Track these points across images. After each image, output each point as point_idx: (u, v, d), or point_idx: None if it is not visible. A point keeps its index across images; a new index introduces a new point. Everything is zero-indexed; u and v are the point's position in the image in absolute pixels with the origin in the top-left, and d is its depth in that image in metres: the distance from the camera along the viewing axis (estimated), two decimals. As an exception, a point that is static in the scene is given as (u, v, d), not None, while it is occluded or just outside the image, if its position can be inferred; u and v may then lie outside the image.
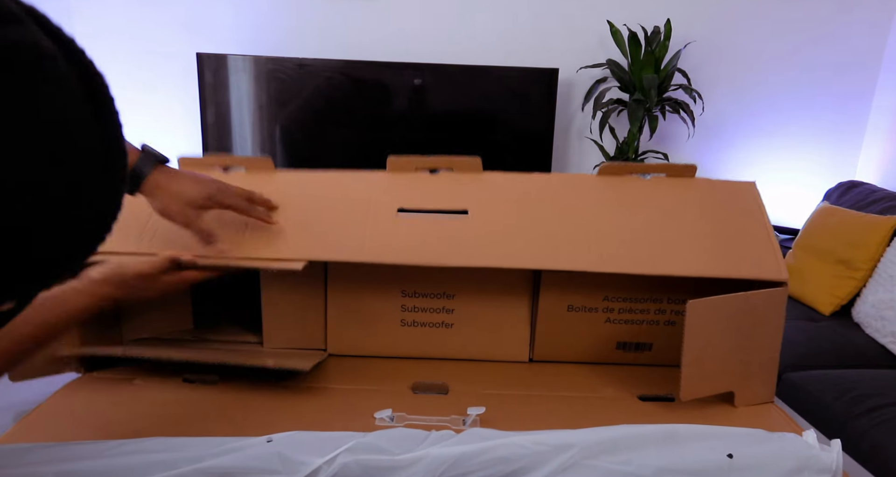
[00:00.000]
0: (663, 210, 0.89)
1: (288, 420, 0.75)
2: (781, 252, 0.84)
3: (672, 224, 0.87)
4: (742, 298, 0.77)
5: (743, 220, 0.87)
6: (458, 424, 0.74)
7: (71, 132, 0.30)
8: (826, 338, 1.86)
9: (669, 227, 0.87)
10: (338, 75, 2.41)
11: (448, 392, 0.84)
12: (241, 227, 0.86)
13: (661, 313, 0.92)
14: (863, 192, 2.26)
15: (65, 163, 0.30)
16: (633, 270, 0.82)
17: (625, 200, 0.91)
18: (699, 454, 0.60)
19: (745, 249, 0.83)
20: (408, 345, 0.94)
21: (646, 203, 0.91)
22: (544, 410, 0.81)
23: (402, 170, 0.93)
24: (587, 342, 0.93)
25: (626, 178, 0.93)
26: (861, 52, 2.52)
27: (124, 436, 0.69)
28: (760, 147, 2.63)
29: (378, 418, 0.75)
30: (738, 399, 0.80)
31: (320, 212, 0.89)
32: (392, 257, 0.84)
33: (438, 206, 0.89)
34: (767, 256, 0.82)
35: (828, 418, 1.51)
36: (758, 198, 0.90)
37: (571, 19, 2.51)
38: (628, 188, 0.92)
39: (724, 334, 0.78)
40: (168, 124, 2.55)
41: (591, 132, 2.53)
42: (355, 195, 0.90)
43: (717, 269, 0.80)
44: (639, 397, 0.83)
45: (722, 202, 0.90)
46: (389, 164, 0.93)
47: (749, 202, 0.90)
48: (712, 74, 2.53)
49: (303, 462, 0.61)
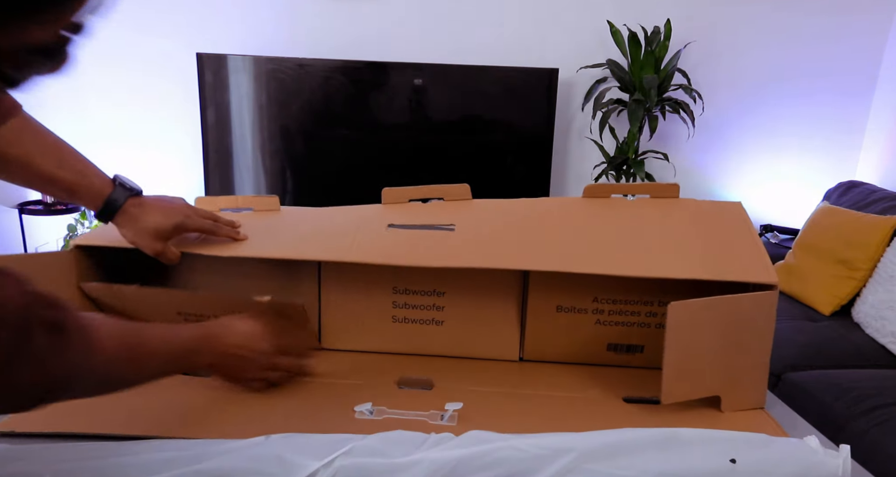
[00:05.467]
0: (651, 221, 0.92)
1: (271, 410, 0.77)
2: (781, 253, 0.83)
3: (660, 232, 0.89)
4: (728, 301, 0.77)
5: (730, 231, 0.88)
6: (436, 420, 0.75)
7: None
8: (826, 338, 1.86)
9: (657, 234, 0.89)
10: (338, 75, 2.41)
11: (432, 388, 0.85)
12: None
13: (652, 316, 0.92)
14: (863, 192, 2.26)
15: None
16: (620, 271, 0.82)
17: (612, 215, 0.94)
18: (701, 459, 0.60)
19: (733, 254, 0.84)
20: (398, 341, 0.96)
21: (633, 216, 0.94)
22: (525, 408, 0.81)
23: (395, 201, 0.99)
24: (577, 343, 0.93)
25: (610, 200, 0.97)
26: (861, 52, 2.52)
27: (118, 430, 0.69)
28: (760, 147, 2.63)
29: (357, 412, 0.76)
30: (724, 404, 0.80)
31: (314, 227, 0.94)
32: (382, 259, 0.86)
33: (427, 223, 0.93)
34: (756, 261, 0.82)
35: (828, 418, 1.51)
36: (744, 214, 0.92)
37: (571, 19, 2.51)
38: (614, 207, 0.95)
39: (709, 337, 0.78)
40: (168, 124, 2.55)
41: (591, 132, 2.53)
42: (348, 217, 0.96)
43: (705, 271, 0.80)
44: (623, 399, 0.83)
45: (708, 217, 0.93)
46: (384, 197, 0.99)
47: (735, 219, 0.91)
48: (712, 74, 2.53)
49: (300, 465, 0.60)
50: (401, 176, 2.49)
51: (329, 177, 2.52)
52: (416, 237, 0.90)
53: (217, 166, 2.50)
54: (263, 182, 2.54)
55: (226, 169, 2.52)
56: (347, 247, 0.88)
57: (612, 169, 2.47)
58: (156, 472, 0.60)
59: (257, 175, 2.54)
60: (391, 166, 2.52)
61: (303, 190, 2.54)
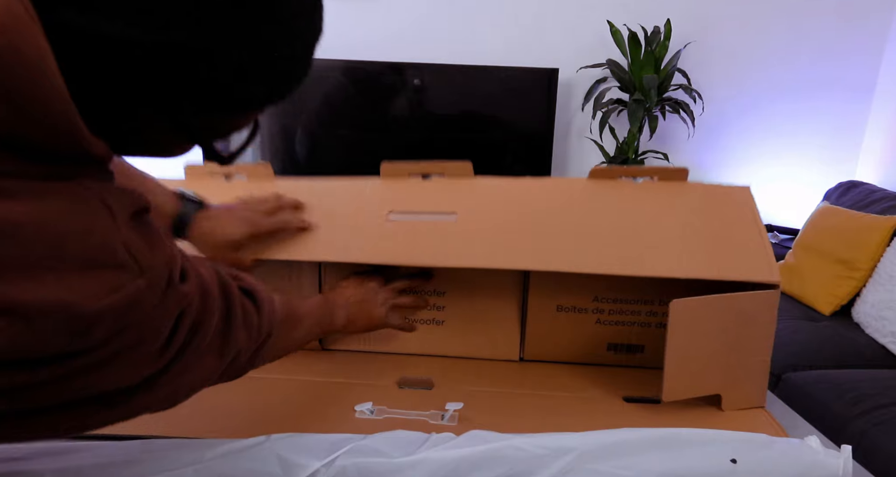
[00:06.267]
0: (654, 213, 0.90)
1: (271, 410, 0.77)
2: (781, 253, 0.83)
3: (663, 227, 0.88)
4: (729, 299, 0.77)
5: (736, 224, 0.87)
6: (437, 419, 0.75)
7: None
8: (826, 338, 1.86)
9: (660, 230, 0.87)
10: (338, 75, 2.41)
11: (433, 388, 0.85)
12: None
13: (652, 315, 0.92)
14: (863, 192, 2.26)
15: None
16: (622, 271, 0.82)
17: (615, 203, 0.91)
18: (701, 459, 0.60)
19: (736, 251, 0.83)
20: (398, 340, 0.95)
21: (637, 206, 0.91)
22: (526, 408, 0.81)
23: (395, 176, 0.95)
24: (578, 343, 0.93)
25: (617, 182, 0.94)
26: (861, 52, 2.52)
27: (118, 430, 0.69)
28: (760, 147, 2.63)
29: (358, 411, 0.76)
30: (725, 403, 0.80)
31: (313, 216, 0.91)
32: (383, 259, 0.86)
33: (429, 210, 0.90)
34: (759, 259, 0.81)
35: (828, 418, 1.51)
36: (752, 202, 0.90)
37: (571, 19, 2.51)
38: (619, 191, 0.93)
39: (710, 335, 0.78)
40: (167, 124, 2.55)
41: (591, 132, 2.53)
42: (348, 201, 0.93)
43: (706, 271, 0.80)
44: (623, 399, 0.83)
45: (715, 206, 0.90)
46: (383, 170, 0.95)
47: (743, 206, 0.89)
48: (712, 74, 2.53)
49: (301, 465, 0.61)
50: (401, 176, 2.49)
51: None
52: (417, 232, 0.88)
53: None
54: (263, 182, 2.54)
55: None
56: (348, 245, 0.87)
57: (612, 169, 2.47)
58: (156, 472, 0.60)
59: (257, 175, 2.53)
60: (391, 166, 2.51)
61: (303, 190, 2.54)
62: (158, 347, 0.46)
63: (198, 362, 0.51)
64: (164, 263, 0.45)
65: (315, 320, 0.77)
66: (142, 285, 0.42)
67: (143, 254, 0.43)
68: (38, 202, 0.38)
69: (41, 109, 0.37)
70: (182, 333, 0.48)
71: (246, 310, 0.57)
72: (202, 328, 0.50)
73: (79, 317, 0.39)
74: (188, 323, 0.48)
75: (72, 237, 0.39)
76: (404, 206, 0.91)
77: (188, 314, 0.48)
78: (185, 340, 0.48)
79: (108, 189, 0.43)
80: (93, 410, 0.45)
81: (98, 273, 0.40)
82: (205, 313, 0.50)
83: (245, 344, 0.57)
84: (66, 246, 0.39)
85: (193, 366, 0.51)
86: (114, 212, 0.42)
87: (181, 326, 0.48)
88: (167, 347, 0.47)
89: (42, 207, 0.38)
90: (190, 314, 0.48)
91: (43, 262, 0.38)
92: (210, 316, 0.51)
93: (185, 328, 0.48)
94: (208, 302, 0.51)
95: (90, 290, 0.39)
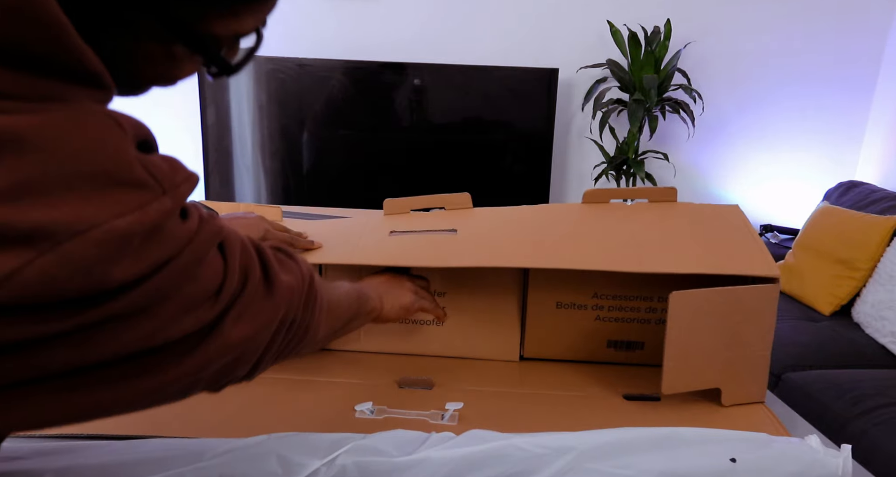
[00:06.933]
0: (651, 222, 0.92)
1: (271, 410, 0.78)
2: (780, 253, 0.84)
3: (660, 230, 0.90)
4: (729, 293, 0.77)
5: (730, 230, 0.89)
6: (437, 419, 0.76)
7: None
8: (826, 338, 1.86)
9: (658, 232, 0.89)
10: (338, 75, 2.41)
11: (433, 387, 0.85)
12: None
13: (652, 312, 0.92)
14: (863, 192, 2.26)
15: None
16: (620, 267, 0.82)
17: (612, 218, 0.94)
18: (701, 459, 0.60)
19: (733, 249, 0.84)
20: (398, 341, 0.96)
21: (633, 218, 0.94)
22: (526, 407, 0.81)
23: (397, 211, 1.00)
24: (577, 340, 0.94)
25: (609, 205, 0.98)
26: (861, 51, 2.52)
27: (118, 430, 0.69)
28: (760, 147, 2.63)
29: (358, 411, 0.76)
30: (725, 397, 0.80)
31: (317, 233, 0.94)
32: (383, 260, 0.86)
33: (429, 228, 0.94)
34: (757, 255, 0.82)
35: (828, 418, 1.51)
36: (743, 218, 0.92)
37: (571, 19, 2.51)
38: (613, 212, 0.96)
39: (710, 328, 0.78)
40: (168, 124, 2.55)
41: (591, 132, 2.53)
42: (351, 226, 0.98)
43: (706, 266, 0.80)
44: (624, 396, 0.83)
45: (707, 219, 0.93)
46: (386, 207, 1.00)
47: (735, 220, 0.91)
48: (712, 74, 2.53)
49: (301, 464, 0.61)
50: (401, 176, 2.50)
51: (329, 177, 2.52)
52: (418, 241, 0.90)
53: (217, 166, 2.50)
54: (263, 182, 2.54)
55: (226, 169, 2.52)
56: (350, 251, 0.89)
57: (612, 169, 2.47)
58: (156, 472, 0.60)
59: (257, 175, 2.54)
60: (391, 166, 2.51)
61: (303, 190, 2.54)
62: (210, 288, 0.43)
63: (256, 305, 0.47)
64: (186, 182, 0.42)
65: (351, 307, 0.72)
66: (167, 205, 0.39)
67: (164, 172, 0.40)
68: (40, 116, 0.35)
69: (29, 9, 0.35)
70: (233, 270, 0.44)
71: (279, 258, 0.53)
72: (250, 270, 0.46)
73: (108, 239, 0.35)
74: (236, 258, 0.45)
75: (84, 152, 0.36)
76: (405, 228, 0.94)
77: (231, 252, 0.45)
78: (239, 278, 0.45)
79: (113, 111, 0.40)
80: (154, 363, 0.41)
81: (119, 191, 0.37)
82: (245, 253, 0.47)
83: (293, 285, 0.52)
84: (79, 161, 0.36)
85: (253, 308, 0.46)
86: (124, 127, 0.39)
87: (230, 265, 0.44)
88: (221, 288, 0.43)
89: (45, 120, 0.35)
90: (233, 253, 0.45)
91: (59, 180, 0.35)
92: (250, 258, 0.48)
93: (234, 267, 0.44)
94: (244, 242, 0.48)
95: (114, 209, 0.36)
